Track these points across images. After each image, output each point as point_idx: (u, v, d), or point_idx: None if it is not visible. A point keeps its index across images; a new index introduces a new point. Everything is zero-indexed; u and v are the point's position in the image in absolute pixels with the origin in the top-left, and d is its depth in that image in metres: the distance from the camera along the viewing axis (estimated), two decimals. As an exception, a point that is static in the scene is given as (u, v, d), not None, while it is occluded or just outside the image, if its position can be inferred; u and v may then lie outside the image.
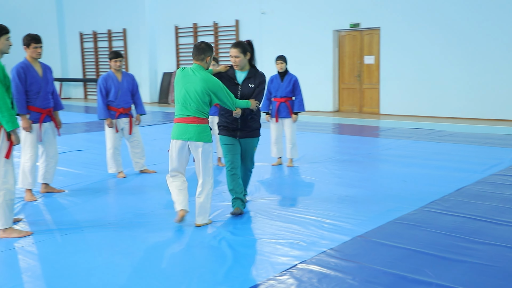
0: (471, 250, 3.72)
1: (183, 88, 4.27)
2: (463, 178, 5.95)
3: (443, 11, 11.67)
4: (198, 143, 4.27)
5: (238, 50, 4.56)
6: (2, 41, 4.09)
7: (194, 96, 4.22)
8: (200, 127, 4.27)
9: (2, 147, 4.06)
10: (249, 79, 4.65)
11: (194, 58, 4.32)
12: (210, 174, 4.36)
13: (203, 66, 4.32)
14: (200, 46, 4.30)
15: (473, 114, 11.56)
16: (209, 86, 4.22)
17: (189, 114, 4.27)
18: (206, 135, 4.29)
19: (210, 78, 4.26)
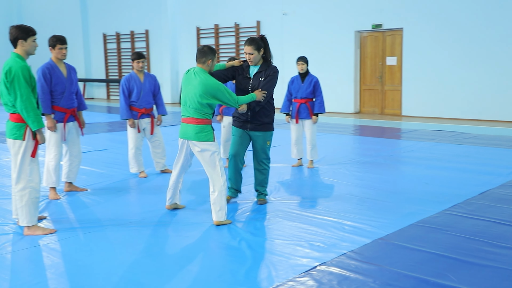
0: (495, 255, 3.66)
1: (185, 90, 4.46)
2: (487, 181, 5.85)
3: (466, 13, 11.49)
4: (196, 143, 4.41)
5: (252, 47, 4.72)
6: (29, 42, 4.17)
7: (192, 98, 4.39)
8: (198, 127, 4.41)
9: (28, 146, 4.14)
10: (260, 73, 4.81)
11: (197, 61, 4.47)
12: (218, 172, 4.43)
13: (205, 69, 4.46)
14: (202, 50, 4.45)
15: (497, 116, 11.36)
16: (207, 89, 4.35)
17: (188, 115, 4.46)
18: (204, 135, 4.41)
19: (209, 81, 4.37)
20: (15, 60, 4.10)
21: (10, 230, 4.36)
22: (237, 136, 4.95)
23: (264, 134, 4.93)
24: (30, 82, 4.11)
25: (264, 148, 4.97)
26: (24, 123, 4.12)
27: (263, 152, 4.99)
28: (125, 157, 7.39)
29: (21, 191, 4.16)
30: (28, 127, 4.13)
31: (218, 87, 4.39)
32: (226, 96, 4.44)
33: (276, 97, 16.69)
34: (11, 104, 4.12)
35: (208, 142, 4.42)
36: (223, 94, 4.42)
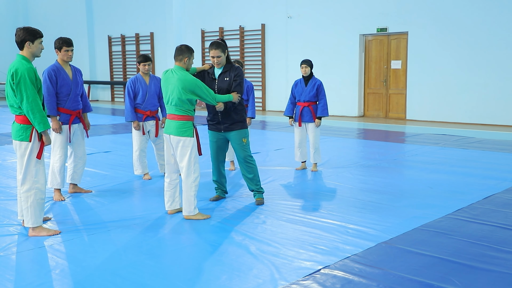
0: (499, 260, 3.65)
1: (165, 89, 4.67)
2: (491, 186, 5.84)
3: (471, 17, 11.48)
4: (175, 137, 4.60)
5: (220, 51, 4.91)
6: (36, 44, 4.20)
7: (172, 95, 4.58)
8: (178, 123, 4.60)
9: (34, 147, 4.17)
10: (225, 73, 5.00)
11: (175, 59, 4.68)
12: (192, 168, 4.61)
13: (182, 67, 4.66)
14: (180, 48, 4.66)
15: (502, 120, 11.33)
16: (185, 85, 4.54)
17: (170, 111, 4.66)
18: (184, 131, 4.59)
19: (187, 77, 4.56)
20: (21, 62, 4.13)
21: (15, 231, 4.38)
22: (213, 141, 5.20)
23: (239, 133, 5.07)
24: (36, 84, 4.13)
25: (242, 146, 5.09)
26: (30, 124, 4.14)
27: (243, 150, 5.10)
28: (129, 159, 7.42)
29: (27, 192, 4.18)
30: (34, 129, 4.15)
31: (196, 83, 4.59)
32: (204, 92, 4.64)
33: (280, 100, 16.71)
34: (17, 106, 4.15)
35: (188, 138, 4.60)
36: (201, 90, 4.61)
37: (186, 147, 4.61)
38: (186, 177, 4.63)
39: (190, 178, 4.62)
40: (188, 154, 4.61)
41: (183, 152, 4.62)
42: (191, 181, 4.62)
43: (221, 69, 5.04)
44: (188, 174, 4.62)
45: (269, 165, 7.25)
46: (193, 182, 4.63)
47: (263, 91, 15.59)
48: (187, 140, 4.61)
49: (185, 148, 4.61)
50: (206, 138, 5.86)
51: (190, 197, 4.63)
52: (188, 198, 4.64)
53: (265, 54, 15.38)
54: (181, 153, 4.63)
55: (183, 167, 4.63)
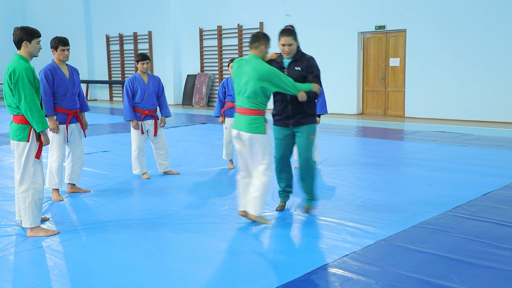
0: (498, 256, 3.65)
1: (237, 80, 4.25)
2: (490, 182, 5.84)
3: (470, 14, 11.47)
4: (247, 134, 4.20)
5: (292, 38, 4.40)
6: (33, 44, 4.18)
7: (246, 86, 4.17)
8: (250, 118, 4.20)
9: (32, 147, 4.16)
10: (296, 62, 4.51)
11: (250, 47, 4.26)
12: (265, 167, 4.22)
13: (257, 55, 4.22)
14: (256, 35, 4.24)
15: (500, 117, 11.33)
16: (261, 74, 4.09)
17: (241, 105, 4.25)
18: (256, 127, 4.19)
19: (262, 65, 4.13)
20: (18, 61, 4.12)
21: (13, 232, 4.37)
22: (279, 138, 4.60)
23: (308, 128, 4.54)
24: (34, 84, 4.12)
25: (308, 144, 4.54)
26: (28, 124, 4.13)
27: (306, 149, 4.54)
28: (128, 159, 7.41)
29: (25, 192, 4.17)
30: (32, 129, 4.14)
31: (273, 71, 4.14)
32: (283, 81, 4.16)
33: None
34: (15, 106, 4.14)
35: (260, 135, 4.21)
36: (279, 79, 4.15)
37: (260, 144, 4.22)
38: (262, 175, 4.23)
39: (265, 177, 4.24)
40: (262, 152, 4.22)
41: (257, 150, 4.23)
42: (267, 180, 4.24)
43: (290, 58, 4.53)
44: (264, 173, 4.23)
45: (268, 163, 7.23)
46: (268, 181, 4.26)
47: (262, 90, 15.56)
48: (259, 137, 4.21)
49: (259, 145, 4.22)
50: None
51: (264, 196, 4.25)
52: (261, 198, 4.23)
53: (263, 52, 15.35)
54: (255, 152, 4.23)
55: (258, 166, 4.23)
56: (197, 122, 12.56)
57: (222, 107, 6.88)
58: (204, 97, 16.61)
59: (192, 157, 7.80)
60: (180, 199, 5.41)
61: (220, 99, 6.89)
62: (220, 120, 6.92)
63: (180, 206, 5.12)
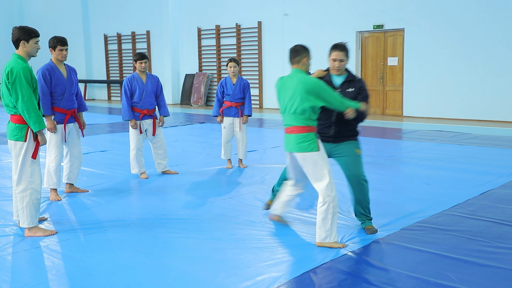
0: (496, 255, 3.65)
1: (282, 97, 3.95)
2: (488, 181, 5.84)
3: (468, 13, 11.48)
4: (299, 154, 3.86)
5: (344, 53, 4.21)
6: (31, 44, 4.18)
7: (291, 102, 3.84)
8: (299, 136, 3.85)
9: (29, 147, 4.15)
10: (348, 83, 4.25)
11: (291, 62, 3.97)
12: (326, 185, 3.82)
13: (301, 69, 3.94)
14: (295, 49, 3.95)
15: (498, 116, 11.35)
16: (308, 88, 3.78)
17: (288, 123, 3.91)
18: (307, 145, 3.82)
19: (308, 79, 3.84)
20: (16, 61, 4.11)
21: (11, 232, 4.36)
22: None
23: (352, 143, 4.23)
24: (31, 83, 4.12)
25: (356, 159, 4.19)
26: (25, 124, 4.13)
27: (356, 165, 4.18)
28: (126, 158, 7.40)
29: (22, 192, 4.16)
30: (29, 128, 4.14)
31: (320, 84, 3.82)
32: (330, 95, 3.84)
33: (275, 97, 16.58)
34: (12, 105, 4.13)
35: (312, 153, 3.84)
36: (327, 92, 3.83)
37: (314, 162, 3.84)
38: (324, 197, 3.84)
39: (328, 198, 3.83)
40: (319, 171, 3.83)
41: (313, 170, 3.85)
42: (330, 202, 3.83)
43: (342, 77, 4.26)
44: (326, 194, 3.83)
45: (266, 162, 7.24)
46: (332, 202, 3.84)
47: (260, 89, 15.57)
48: (312, 155, 3.83)
49: (313, 164, 3.84)
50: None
51: (328, 220, 3.85)
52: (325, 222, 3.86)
53: (262, 51, 15.36)
54: (311, 171, 3.86)
55: (318, 187, 3.86)
56: (195, 121, 12.55)
57: (221, 107, 6.88)
58: (202, 97, 16.60)
59: (191, 157, 7.79)
60: (179, 198, 5.41)
61: (219, 99, 6.88)
62: (219, 119, 6.92)
63: (179, 205, 5.12)
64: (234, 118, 6.86)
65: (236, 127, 6.87)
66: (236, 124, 6.87)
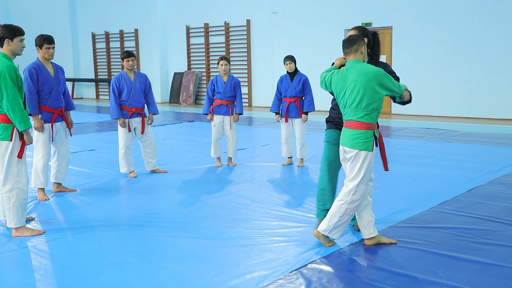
0: (483, 251, 3.69)
1: (341, 91, 3.74)
2: (475, 178, 5.90)
3: (455, 12, 11.57)
4: (351, 150, 3.70)
5: (355, 32, 4.01)
6: (15, 42, 4.13)
7: (354, 95, 3.65)
8: (355, 132, 3.68)
9: (15, 146, 4.11)
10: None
11: (346, 53, 3.75)
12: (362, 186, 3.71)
13: (359, 59, 3.71)
14: (350, 38, 3.72)
15: (485, 114, 11.45)
16: (370, 78, 3.58)
17: (349, 118, 3.72)
18: (362, 142, 3.65)
19: (369, 68, 3.63)
20: (1, 60, 4.06)
21: (-2, 232, 4.32)
22: (333, 144, 4.12)
23: None
24: (16, 82, 4.08)
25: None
26: (11, 123, 4.08)
27: None
28: (114, 157, 7.37)
29: (9, 192, 4.12)
30: (15, 128, 4.10)
31: (382, 73, 3.62)
32: (392, 82, 3.67)
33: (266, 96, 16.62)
34: (-3, 105, 4.08)
35: (365, 152, 3.66)
36: (389, 80, 3.65)
37: (362, 162, 3.68)
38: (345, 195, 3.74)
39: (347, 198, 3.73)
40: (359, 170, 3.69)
41: (355, 167, 3.70)
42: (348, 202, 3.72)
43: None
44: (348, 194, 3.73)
45: (256, 161, 7.24)
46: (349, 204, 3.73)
47: (249, 87, 15.56)
48: (364, 154, 3.67)
49: (361, 163, 3.68)
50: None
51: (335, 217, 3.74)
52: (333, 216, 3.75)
53: (251, 50, 15.35)
54: (352, 168, 3.71)
55: (346, 183, 3.76)
56: (184, 120, 12.52)
57: (211, 105, 6.87)
58: (191, 95, 16.55)
59: (180, 155, 7.77)
60: (168, 197, 5.39)
61: (209, 97, 6.87)
62: (209, 117, 6.91)
63: (168, 204, 5.10)
64: (224, 116, 6.85)
65: (226, 125, 6.86)
66: (226, 122, 6.86)
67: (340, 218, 3.74)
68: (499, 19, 11.04)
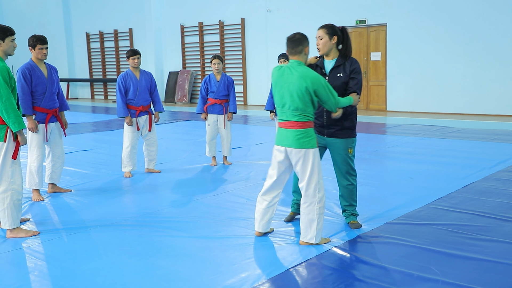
0: (478, 247, 3.70)
1: (279, 91, 3.77)
2: (470, 174, 5.91)
3: (449, 7, 11.59)
4: (296, 150, 3.74)
5: (324, 31, 4.03)
6: (7, 42, 4.11)
7: (291, 97, 3.69)
8: (299, 132, 3.73)
9: (9, 147, 4.09)
10: (338, 68, 4.09)
11: (290, 53, 3.77)
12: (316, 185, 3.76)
13: (301, 61, 3.76)
14: (294, 38, 3.75)
15: (480, 110, 11.49)
16: (307, 83, 3.63)
17: (286, 118, 3.76)
18: (307, 141, 3.73)
19: (310, 73, 3.67)
20: (-7, 60, 4.04)
21: (-8, 233, 4.30)
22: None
23: (345, 142, 4.13)
24: (9, 83, 4.06)
25: (347, 158, 4.17)
26: (5, 124, 4.07)
27: (346, 164, 4.18)
28: (110, 157, 7.35)
29: (3, 193, 4.10)
30: (8, 129, 4.08)
31: (320, 81, 3.67)
32: (327, 94, 3.70)
33: (261, 94, 16.62)
34: (-10, 106, 4.06)
35: (311, 150, 3.75)
36: (325, 91, 3.68)
37: (310, 160, 3.74)
38: (308, 197, 3.78)
39: (314, 198, 3.76)
40: (311, 169, 3.74)
41: (306, 167, 3.75)
42: (316, 202, 3.77)
43: (333, 62, 4.12)
44: (312, 194, 3.76)
45: (251, 159, 7.24)
46: (318, 203, 3.78)
47: (244, 86, 15.55)
48: (309, 152, 3.74)
49: (309, 161, 3.74)
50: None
51: (313, 220, 3.78)
52: (309, 221, 3.79)
53: (245, 48, 15.34)
54: (304, 169, 3.76)
55: (304, 185, 3.78)
56: (179, 119, 12.50)
57: (205, 104, 6.85)
58: (186, 94, 16.53)
59: (175, 155, 7.76)
60: (163, 197, 5.38)
61: (203, 96, 6.86)
62: (203, 116, 6.89)
63: (163, 204, 5.10)
64: (218, 115, 6.84)
65: (220, 124, 6.86)
66: (220, 121, 6.85)
67: (318, 220, 3.79)
68: (495, 15, 11.07)
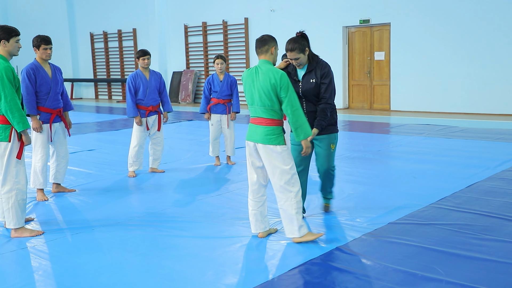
0: (482, 247, 3.69)
1: (249, 89, 3.88)
2: (474, 174, 5.90)
3: (453, 7, 11.56)
4: (264, 146, 3.82)
5: (296, 52, 4.09)
6: (11, 43, 4.13)
7: (258, 94, 3.80)
8: (267, 129, 3.81)
9: (14, 147, 4.11)
10: (310, 73, 4.19)
11: (257, 52, 3.88)
12: (289, 181, 3.81)
13: (268, 60, 3.85)
14: (261, 39, 3.86)
15: (484, 109, 11.45)
16: (271, 82, 3.72)
17: (256, 115, 3.87)
18: (274, 138, 3.80)
19: (275, 71, 3.76)
20: (-2, 61, 4.06)
21: (-3, 233, 4.32)
22: (296, 144, 4.27)
23: (328, 137, 4.30)
24: (14, 83, 4.07)
25: (328, 154, 4.33)
26: (9, 124, 4.08)
27: (327, 160, 4.35)
28: (114, 157, 7.37)
29: (8, 193, 4.12)
30: (13, 129, 4.10)
31: (283, 82, 3.73)
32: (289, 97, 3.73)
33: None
34: (-5, 106, 4.08)
35: (279, 146, 3.80)
36: (286, 94, 3.74)
37: (279, 155, 3.79)
38: (283, 193, 3.83)
39: (289, 193, 3.81)
40: (282, 164, 3.79)
41: (276, 163, 3.80)
42: (292, 197, 3.81)
43: (304, 68, 4.22)
44: (286, 189, 3.80)
45: (255, 159, 7.23)
46: (294, 198, 3.81)
47: (248, 85, 15.54)
48: (279, 148, 3.79)
49: (279, 157, 3.80)
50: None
51: (292, 215, 3.82)
52: (289, 217, 3.84)
53: (249, 48, 15.34)
54: (274, 165, 3.80)
55: (276, 182, 3.82)
56: (183, 119, 12.51)
57: (208, 104, 6.86)
58: (190, 94, 16.54)
59: (179, 154, 7.77)
60: (167, 196, 5.39)
61: (206, 96, 6.87)
62: (206, 116, 6.90)
63: (167, 203, 5.10)
64: (221, 115, 6.85)
65: (224, 124, 6.86)
66: (224, 121, 6.86)
67: (297, 212, 3.83)
68: (498, 14, 11.03)
